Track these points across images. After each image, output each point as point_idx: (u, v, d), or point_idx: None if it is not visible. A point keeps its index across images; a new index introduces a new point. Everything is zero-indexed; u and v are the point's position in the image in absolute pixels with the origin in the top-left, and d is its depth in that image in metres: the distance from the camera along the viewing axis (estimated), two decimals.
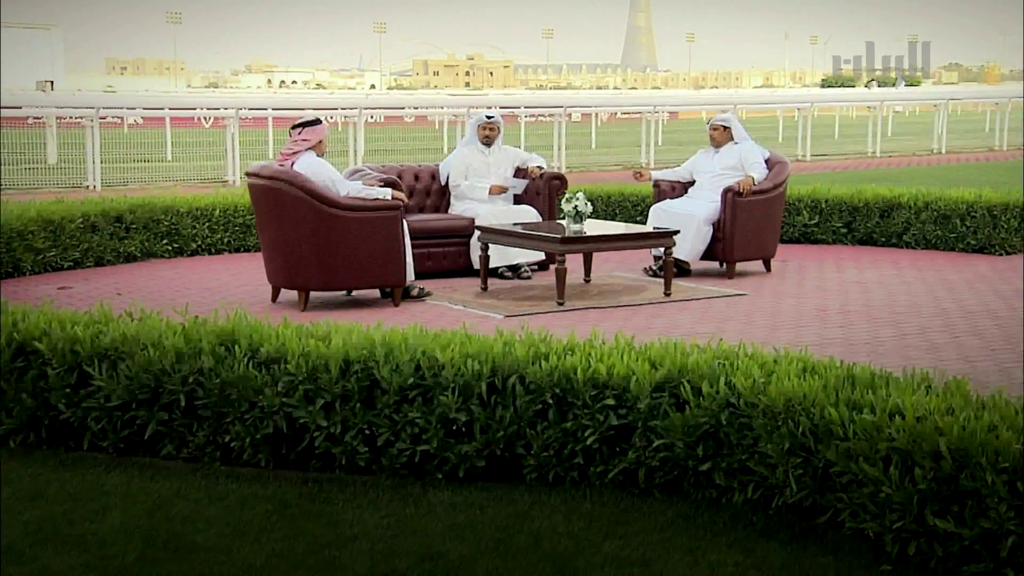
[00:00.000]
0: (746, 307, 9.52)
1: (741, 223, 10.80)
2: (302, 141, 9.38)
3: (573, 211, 9.83)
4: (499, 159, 11.38)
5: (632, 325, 8.77)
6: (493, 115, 11.41)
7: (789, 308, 9.45)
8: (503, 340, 5.49)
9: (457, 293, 10.00)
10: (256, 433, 5.32)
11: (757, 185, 10.88)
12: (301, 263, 9.21)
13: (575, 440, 5.15)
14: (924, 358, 7.61)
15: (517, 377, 5.23)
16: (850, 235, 13.02)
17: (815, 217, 13.09)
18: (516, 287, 10.33)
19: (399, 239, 9.38)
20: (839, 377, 4.98)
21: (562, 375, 5.19)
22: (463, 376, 5.22)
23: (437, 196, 11.51)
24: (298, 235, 9.18)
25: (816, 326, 8.72)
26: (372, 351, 5.31)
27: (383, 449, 5.27)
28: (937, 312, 9.25)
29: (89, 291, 10.03)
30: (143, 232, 11.76)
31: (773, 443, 4.78)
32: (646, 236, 10.11)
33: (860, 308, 9.43)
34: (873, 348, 7.91)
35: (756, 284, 10.61)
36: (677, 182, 11.41)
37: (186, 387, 5.40)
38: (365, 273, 9.32)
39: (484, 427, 5.20)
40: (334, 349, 5.29)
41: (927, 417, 4.42)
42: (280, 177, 9.15)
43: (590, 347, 5.46)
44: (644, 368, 5.13)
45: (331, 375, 5.25)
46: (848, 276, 11.03)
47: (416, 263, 10.55)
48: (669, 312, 9.33)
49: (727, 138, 11.23)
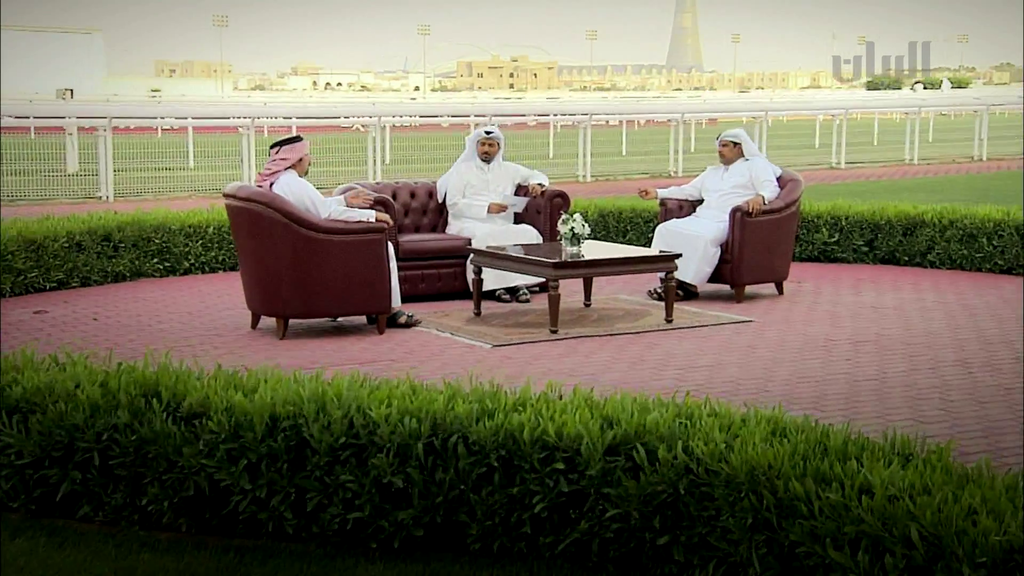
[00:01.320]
0: (750, 336, 8.99)
1: (750, 244, 10.27)
2: (281, 160, 8.94)
3: (570, 233, 9.35)
4: (498, 176, 10.91)
5: (626, 355, 8.29)
6: (492, 131, 10.94)
7: (795, 337, 8.91)
8: (447, 394, 5.01)
9: (448, 318, 9.54)
10: (174, 496, 4.87)
11: (767, 204, 10.35)
12: (279, 289, 8.77)
13: (522, 507, 4.67)
14: (930, 399, 7.08)
15: (459, 436, 4.75)
16: (871, 254, 12.44)
17: (835, 235, 12.53)
18: (512, 311, 9.84)
19: (383, 264, 8.92)
20: (810, 442, 4.47)
21: (508, 435, 4.70)
22: (400, 435, 4.75)
23: (434, 214, 11.05)
24: (276, 260, 8.74)
25: (820, 359, 8.18)
26: (301, 407, 4.84)
27: (314, 515, 4.81)
28: (953, 342, 8.69)
29: (66, 315, 9.63)
30: (132, 251, 11.37)
31: (735, 517, 4.28)
32: (645, 260, 9.58)
33: (871, 338, 8.88)
34: (878, 386, 7.38)
35: (765, 309, 10.08)
36: (685, 200, 10.88)
37: (100, 444, 4.96)
38: (347, 300, 8.86)
39: (423, 492, 4.73)
40: (259, 404, 4.83)
41: (900, 497, 3.92)
42: (256, 199, 8.71)
43: (544, 402, 4.97)
44: (596, 428, 4.64)
45: (256, 433, 4.80)
46: (864, 300, 10.48)
47: (409, 285, 10.12)
48: (668, 341, 8.82)
49: (737, 155, 10.70)
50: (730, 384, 7.48)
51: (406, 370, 7.77)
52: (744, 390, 7.31)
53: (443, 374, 7.65)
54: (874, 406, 6.96)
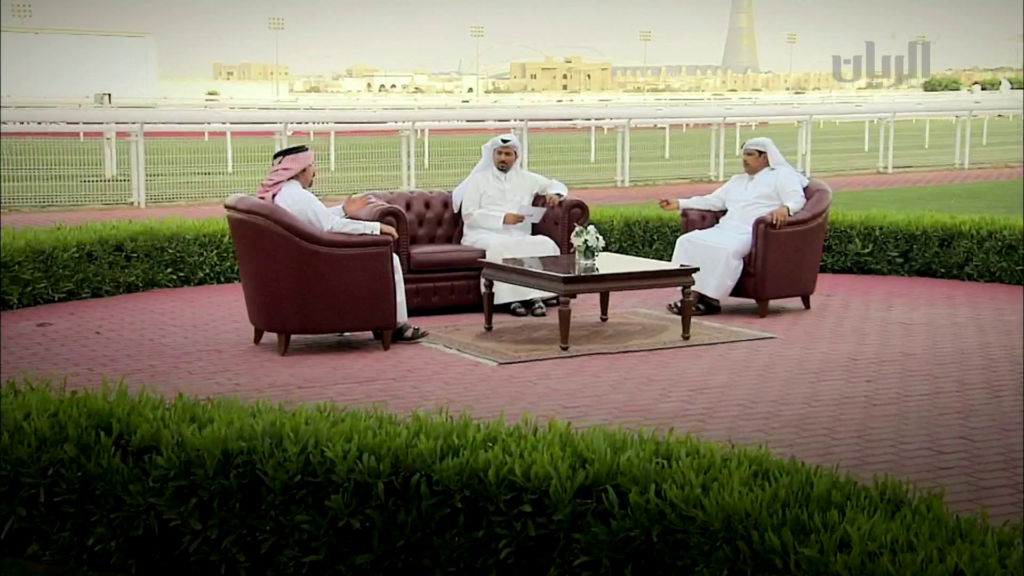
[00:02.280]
0: (769, 353, 8.63)
1: (774, 257, 9.90)
2: (284, 171, 8.68)
3: (583, 246, 9.03)
4: (515, 186, 10.60)
5: (636, 375, 7.96)
6: (509, 139, 10.62)
7: (817, 356, 8.54)
8: (413, 429, 4.70)
9: (458, 333, 9.24)
10: (122, 536, 4.60)
11: (792, 216, 9.98)
12: (280, 304, 8.51)
13: (488, 552, 4.36)
14: (950, 424, 6.70)
15: (422, 475, 4.45)
16: (906, 265, 12.02)
17: (868, 246, 12.10)
18: (525, 326, 9.53)
19: (388, 278, 8.64)
20: (793, 487, 4.13)
21: (473, 474, 4.40)
22: (359, 473, 4.45)
23: (449, 225, 10.75)
24: (277, 274, 8.48)
25: (840, 379, 7.82)
26: (255, 441, 4.56)
27: (268, 557, 4.53)
28: (982, 363, 8.29)
29: (70, 328, 9.43)
30: (145, 261, 11.16)
31: (711, 568, 3.95)
32: (661, 275, 9.23)
33: (897, 357, 8.50)
34: (897, 410, 7.02)
35: (789, 324, 9.71)
36: (708, 211, 10.52)
37: (46, 479, 4.70)
38: (350, 315, 8.59)
39: (383, 534, 4.43)
40: (210, 439, 4.55)
41: (881, 553, 3.58)
42: (257, 211, 8.45)
43: (516, 437, 4.66)
44: (566, 468, 4.32)
45: (207, 469, 4.52)
46: (894, 315, 10.07)
47: (421, 298, 9.86)
48: (682, 359, 8.48)
49: (762, 164, 10.33)
50: (739, 407, 7.14)
51: (405, 389, 7.56)
52: (753, 414, 6.97)
53: (443, 394, 7.40)
54: (889, 432, 6.60)
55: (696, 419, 6.86)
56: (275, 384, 7.67)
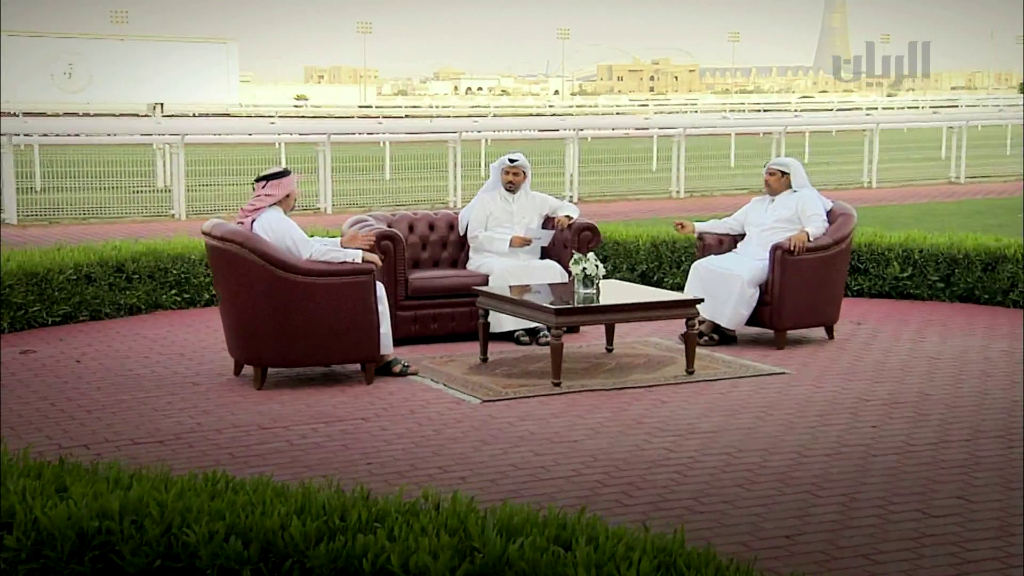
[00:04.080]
0: (774, 392, 8.05)
1: (792, 286, 9.30)
2: (266, 196, 8.27)
3: (581, 274, 8.52)
4: (524, 207, 10.10)
5: (626, 415, 7.45)
6: (517, 158, 10.12)
7: (824, 396, 7.95)
8: (296, 503, 4.23)
9: (451, 365, 8.77)
10: None
11: (812, 241, 9.37)
12: (257, 336, 8.10)
13: None
14: (950, 482, 6.13)
15: (294, 562, 3.98)
16: (948, 291, 11.32)
17: (908, 269, 11.42)
18: (524, 357, 9.02)
19: (370, 308, 8.19)
20: None
21: (349, 561, 3.92)
22: (223, 559, 3.99)
23: (455, 248, 10.28)
24: (253, 304, 8.07)
25: (842, 425, 7.23)
26: (111, 522, 4.12)
27: None
28: (1005, 406, 7.66)
29: (53, 356, 9.08)
30: (148, 282, 10.82)
31: None
32: (662, 306, 8.64)
33: (911, 398, 7.88)
34: (896, 462, 6.46)
35: (806, 357, 9.11)
36: (726, 235, 9.94)
37: None
38: (329, 348, 8.15)
39: None
40: (64, 517, 4.11)
41: None
42: (231, 238, 8.04)
43: (408, 517, 4.17)
44: (447, 557, 3.83)
45: (60, 551, 4.08)
46: (923, 348, 9.42)
47: (419, 326, 9.44)
48: (680, 397, 7.93)
49: (785, 185, 9.73)
50: (724, 456, 6.60)
51: (371, 432, 7.11)
52: (735, 465, 6.44)
53: (409, 438, 6.98)
54: (880, 490, 6.03)
55: (671, 471, 6.34)
56: (237, 424, 7.25)
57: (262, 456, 6.61)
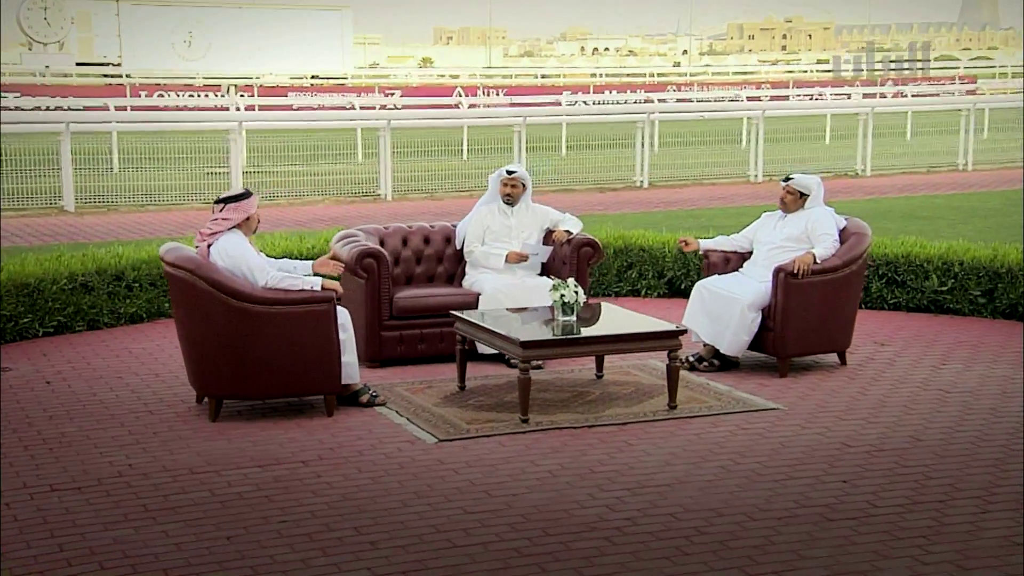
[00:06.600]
0: (753, 435, 7.49)
1: (795, 311, 8.70)
2: (224, 220, 7.92)
3: (560, 301, 8.05)
4: (523, 221, 9.63)
5: (583, 461, 7.04)
6: (515, 169, 9.64)
7: (806, 440, 7.38)
8: None
9: (426, 393, 8.37)
10: None
11: (820, 263, 8.74)
12: (212, 366, 7.77)
13: None
14: (903, 557, 5.55)
15: None
16: (990, 306, 10.57)
17: (948, 282, 10.68)
18: (505, 384, 8.53)
19: (330, 339, 7.81)
20: None
21: None
22: None
23: (451, 263, 9.85)
24: (207, 334, 7.74)
25: (812, 477, 6.68)
26: None
27: None
28: (998, 457, 7.02)
29: (26, 375, 8.86)
30: (149, 290, 10.59)
31: None
32: (640, 337, 8.08)
33: (903, 443, 7.28)
34: (853, 528, 5.91)
35: (807, 389, 8.52)
36: (733, 252, 9.35)
37: None
38: (287, 380, 7.79)
39: None
40: None
41: None
42: (183, 265, 7.72)
43: None
44: None
45: None
46: (940, 378, 8.76)
47: (405, 346, 9.08)
48: (649, 438, 7.43)
49: (799, 206, 9.07)
50: (665, 519, 6.11)
51: (305, 479, 6.74)
52: (677, 530, 5.98)
53: (342, 486, 6.63)
54: (821, 565, 5.49)
55: (600, 538, 5.88)
56: (169, 467, 6.93)
57: (174, 510, 6.27)
